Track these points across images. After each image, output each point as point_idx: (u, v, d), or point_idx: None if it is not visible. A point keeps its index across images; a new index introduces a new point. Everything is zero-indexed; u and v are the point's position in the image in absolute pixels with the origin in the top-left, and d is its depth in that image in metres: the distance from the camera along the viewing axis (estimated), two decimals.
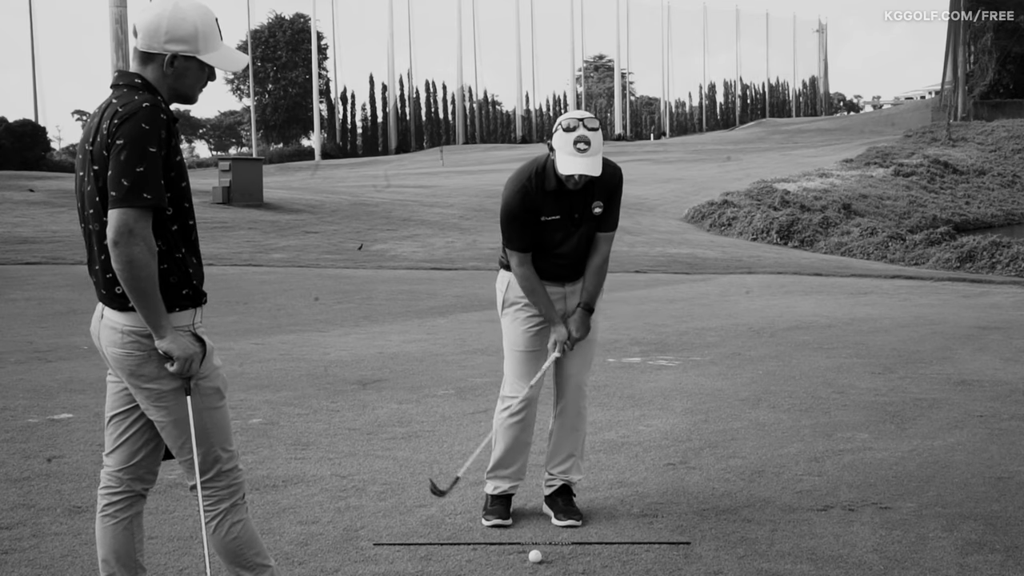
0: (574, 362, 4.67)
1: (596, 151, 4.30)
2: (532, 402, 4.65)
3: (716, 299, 13.38)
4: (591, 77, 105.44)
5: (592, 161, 4.29)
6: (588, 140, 4.28)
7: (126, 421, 3.23)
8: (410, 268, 17.20)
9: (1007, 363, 8.44)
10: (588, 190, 4.48)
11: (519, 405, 4.62)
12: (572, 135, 4.29)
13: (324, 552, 4.19)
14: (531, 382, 4.59)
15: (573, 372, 4.68)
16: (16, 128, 42.54)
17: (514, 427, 4.64)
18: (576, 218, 4.51)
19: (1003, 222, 35.15)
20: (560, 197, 4.46)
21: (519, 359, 4.64)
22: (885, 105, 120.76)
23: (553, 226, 4.49)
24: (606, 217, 4.56)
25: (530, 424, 4.69)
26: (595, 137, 4.31)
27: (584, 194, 4.48)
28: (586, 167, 4.28)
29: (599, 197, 4.51)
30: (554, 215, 4.47)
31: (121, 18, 18.47)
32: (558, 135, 4.34)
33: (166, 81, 3.09)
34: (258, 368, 8.16)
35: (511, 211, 4.46)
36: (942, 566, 4.03)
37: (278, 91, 77.51)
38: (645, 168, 44.14)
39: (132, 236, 2.91)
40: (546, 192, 4.44)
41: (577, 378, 4.69)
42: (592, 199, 4.50)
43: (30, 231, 19.62)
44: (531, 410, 4.66)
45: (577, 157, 4.28)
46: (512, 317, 4.67)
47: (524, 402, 4.62)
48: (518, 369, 4.65)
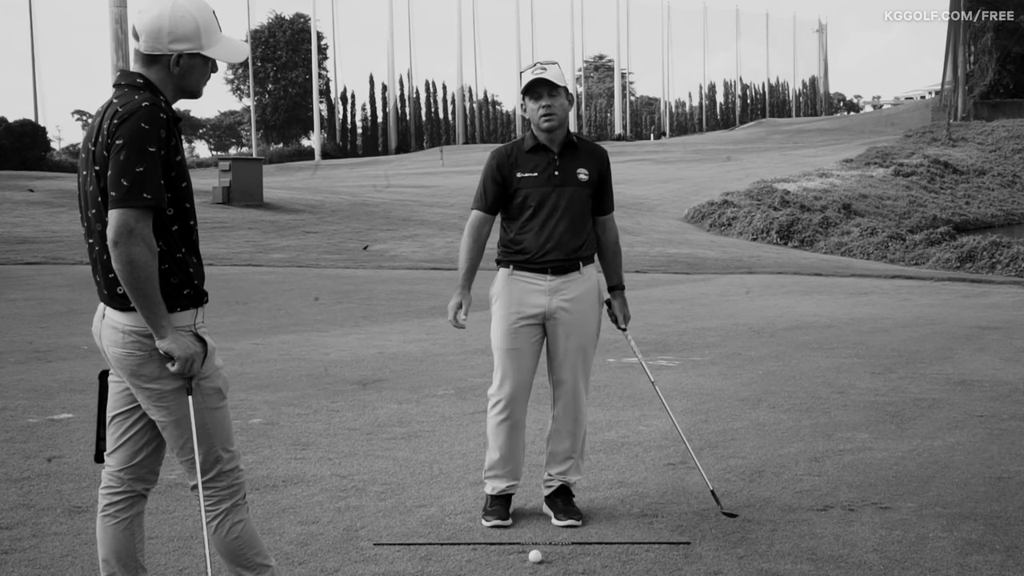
0: (567, 365, 4.64)
1: (554, 75, 4.57)
2: (517, 401, 4.63)
3: (716, 299, 13.39)
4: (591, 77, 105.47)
5: (552, 72, 4.56)
6: (544, 66, 4.59)
7: (127, 421, 3.23)
8: (410, 268, 17.20)
9: (1007, 363, 8.45)
10: (572, 154, 4.63)
11: (503, 404, 4.62)
12: (530, 69, 4.61)
13: (324, 552, 4.19)
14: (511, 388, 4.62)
15: (567, 376, 4.65)
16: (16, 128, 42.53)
17: (502, 426, 4.64)
18: (556, 176, 4.57)
19: (1003, 222, 35.14)
20: (539, 155, 4.62)
21: (500, 356, 4.66)
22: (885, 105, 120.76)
23: (530, 182, 4.57)
24: (601, 195, 4.69)
25: (519, 423, 4.67)
26: (551, 66, 4.60)
27: (566, 157, 4.62)
28: (546, 75, 4.54)
29: (584, 165, 4.64)
30: (531, 172, 4.59)
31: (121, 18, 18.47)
32: (521, 78, 4.62)
33: (172, 80, 3.09)
34: (258, 368, 8.16)
35: (485, 171, 4.69)
36: (942, 566, 4.03)
37: (278, 91, 77.50)
38: (645, 168, 44.14)
39: (132, 236, 2.91)
40: (524, 151, 4.64)
41: (572, 382, 4.65)
42: (576, 164, 4.62)
43: (30, 231, 19.63)
44: (517, 408, 4.64)
45: (538, 71, 4.56)
46: (495, 313, 4.69)
47: (507, 401, 4.61)
48: (500, 367, 4.66)
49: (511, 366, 4.61)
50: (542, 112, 4.53)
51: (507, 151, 4.67)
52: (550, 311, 4.60)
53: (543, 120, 4.54)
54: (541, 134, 4.59)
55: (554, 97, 4.53)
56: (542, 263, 4.58)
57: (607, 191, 4.72)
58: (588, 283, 4.66)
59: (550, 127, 4.55)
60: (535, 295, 4.58)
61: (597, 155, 4.70)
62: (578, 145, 4.67)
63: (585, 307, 4.64)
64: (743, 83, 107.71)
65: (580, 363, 4.66)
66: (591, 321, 4.69)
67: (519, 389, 4.62)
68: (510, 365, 4.61)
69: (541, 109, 4.53)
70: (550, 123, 4.54)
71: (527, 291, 4.59)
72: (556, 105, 4.53)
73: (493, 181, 4.61)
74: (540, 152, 4.61)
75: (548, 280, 4.59)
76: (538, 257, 4.57)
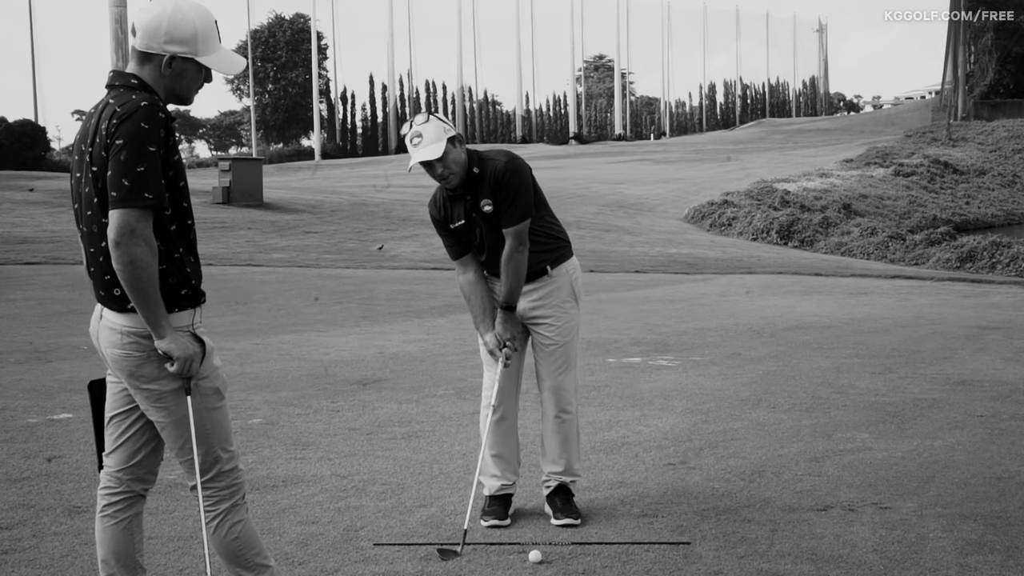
0: (543, 366, 4.69)
1: (431, 139, 4.39)
2: (504, 399, 4.66)
3: (716, 299, 13.38)
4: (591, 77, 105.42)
5: (428, 149, 4.39)
6: (419, 133, 4.42)
7: (126, 421, 3.23)
8: (410, 268, 17.20)
9: (1007, 363, 8.44)
10: (476, 189, 4.55)
11: (494, 403, 4.65)
12: (407, 136, 4.47)
13: (324, 552, 4.19)
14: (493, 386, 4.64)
15: (544, 376, 4.70)
16: (16, 128, 42.49)
17: (493, 425, 4.67)
18: (475, 217, 4.57)
19: (1003, 222, 35.15)
20: (457, 202, 4.59)
21: (487, 359, 4.73)
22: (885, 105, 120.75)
23: (462, 231, 4.60)
24: (501, 214, 4.54)
25: (509, 420, 4.70)
26: (426, 129, 4.41)
27: (474, 195, 4.56)
28: (422, 156, 4.40)
29: (484, 195, 4.55)
30: (459, 220, 4.59)
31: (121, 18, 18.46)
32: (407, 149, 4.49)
33: (163, 81, 3.09)
34: (258, 368, 8.16)
35: (434, 224, 4.72)
36: (942, 566, 4.03)
37: (278, 91, 77.49)
38: (645, 168, 44.14)
39: (134, 236, 2.91)
40: (446, 200, 4.62)
41: (549, 381, 4.68)
42: (480, 198, 4.55)
43: (30, 231, 19.62)
44: (508, 408, 4.68)
45: (414, 151, 4.43)
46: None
47: (496, 400, 4.64)
48: (487, 366, 4.75)
49: (496, 364, 4.65)
50: (436, 177, 4.48)
51: (437, 205, 4.66)
52: (524, 313, 4.67)
53: (441, 182, 4.51)
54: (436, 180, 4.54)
55: (440, 161, 4.41)
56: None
57: (506, 209, 4.52)
58: (559, 281, 4.70)
59: (451, 187, 4.52)
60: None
61: (492, 177, 4.53)
62: (478, 174, 4.52)
63: (558, 304, 4.69)
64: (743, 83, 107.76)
65: (562, 360, 4.68)
66: (567, 317, 4.71)
67: (506, 387, 4.66)
68: (495, 364, 4.66)
69: (435, 174, 4.46)
70: (449, 184, 4.50)
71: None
72: (448, 163, 4.42)
73: (442, 232, 4.68)
74: (457, 199, 4.59)
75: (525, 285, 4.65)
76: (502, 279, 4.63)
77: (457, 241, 4.64)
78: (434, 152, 4.37)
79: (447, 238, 4.67)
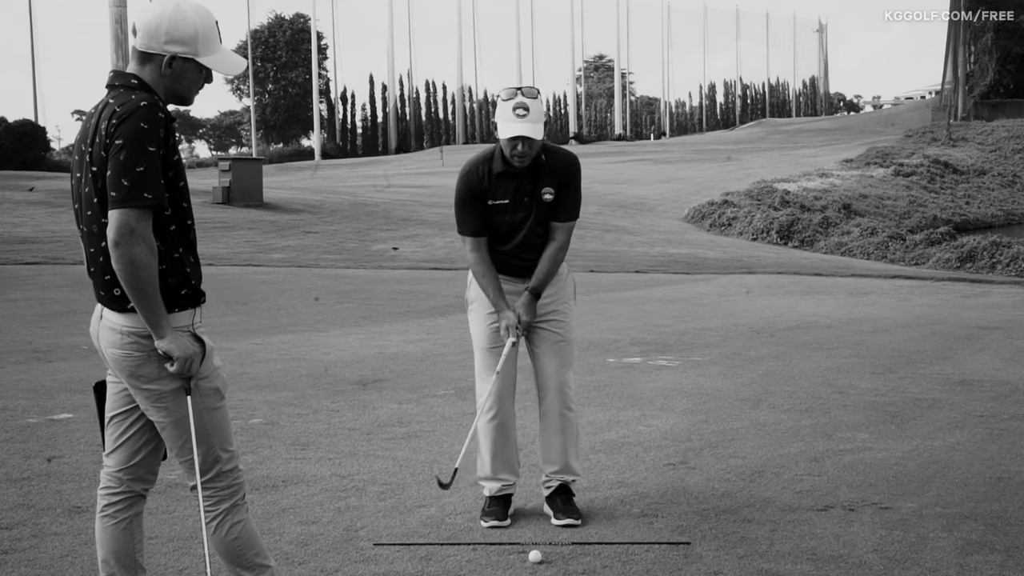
0: (550, 362, 4.65)
1: (535, 119, 4.36)
2: (503, 398, 4.64)
3: (716, 299, 13.38)
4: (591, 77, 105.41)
5: (532, 127, 4.34)
6: (526, 106, 4.35)
7: (126, 422, 3.23)
8: (410, 268, 17.20)
9: (1007, 363, 8.44)
10: (537, 175, 4.51)
11: (489, 402, 4.63)
12: (511, 103, 4.37)
13: (324, 552, 4.19)
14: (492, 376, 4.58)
15: (551, 372, 4.66)
16: (16, 128, 42.50)
17: (490, 425, 4.66)
18: (526, 202, 4.53)
19: (1003, 222, 35.16)
20: (508, 180, 4.51)
21: (482, 356, 4.68)
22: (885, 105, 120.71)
23: (501, 210, 4.52)
24: (560, 205, 4.56)
25: (507, 421, 4.68)
26: (534, 105, 4.37)
27: (533, 179, 4.52)
28: (525, 131, 4.33)
29: (548, 183, 4.53)
30: (503, 199, 4.51)
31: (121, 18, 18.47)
32: (499, 106, 4.43)
33: (163, 82, 3.08)
34: (258, 368, 8.16)
35: (460, 195, 4.55)
36: (942, 566, 4.03)
37: (278, 91, 77.51)
38: (645, 168, 44.14)
39: (133, 236, 2.91)
40: (494, 175, 4.51)
41: (556, 378, 4.66)
42: (541, 185, 4.52)
43: (30, 231, 19.62)
44: (504, 407, 4.66)
45: (516, 122, 4.34)
46: (474, 315, 4.72)
47: (493, 398, 4.62)
48: (481, 366, 4.68)
49: (493, 364, 4.63)
50: (516, 157, 4.41)
51: (478, 175, 4.52)
52: (537, 310, 4.64)
53: (516, 159, 4.43)
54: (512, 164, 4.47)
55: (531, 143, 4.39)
56: (521, 273, 4.63)
57: (567, 201, 4.56)
58: (561, 280, 4.71)
59: (522, 166, 4.46)
60: (511, 297, 4.62)
61: (561, 168, 4.54)
62: (545, 162, 4.52)
63: (565, 301, 4.70)
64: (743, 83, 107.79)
65: (562, 358, 4.68)
66: (568, 317, 4.72)
67: (502, 387, 4.64)
68: (492, 363, 4.63)
69: (516, 153, 4.40)
70: (522, 163, 4.45)
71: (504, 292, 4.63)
72: (534, 146, 4.40)
73: (472, 209, 4.53)
74: (509, 177, 4.51)
75: (524, 283, 4.64)
76: (510, 268, 4.62)
77: (482, 217, 4.52)
78: (537, 132, 4.36)
79: (474, 211, 4.52)
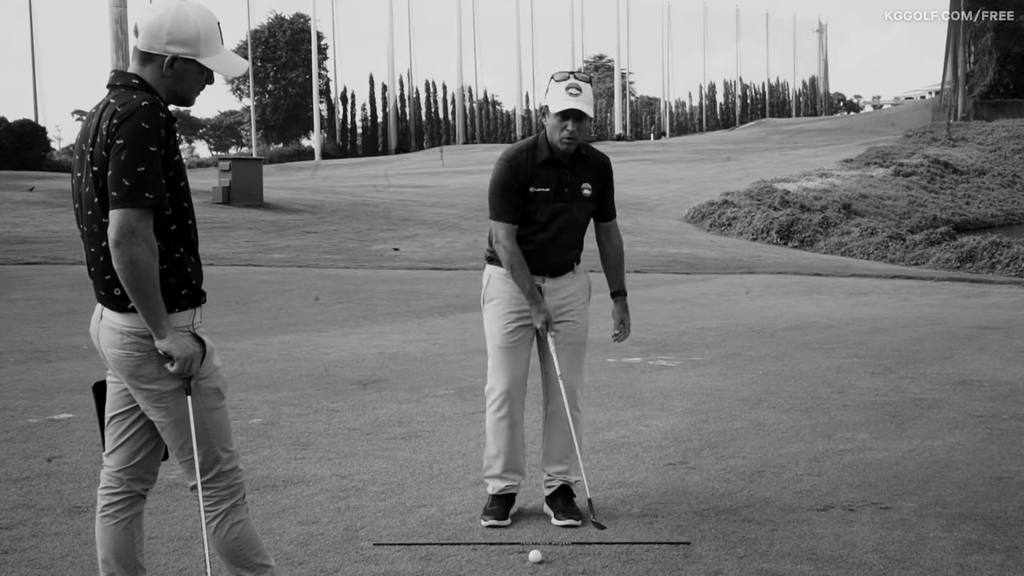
0: (562, 363, 4.63)
1: (587, 100, 4.46)
2: (514, 398, 4.64)
3: (716, 299, 13.38)
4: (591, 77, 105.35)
5: (585, 104, 4.44)
6: (579, 87, 4.46)
7: (126, 422, 3.23)
8: (410, 268, 17.20)
9: (1007, 363, 8.44)
10: (578, 168, 4.59)
11: (500, 400, 4.63)
12: (564, 83, 4.47)
13: (324, 552, 4.19)
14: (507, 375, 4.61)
15: (561, 374, 4.64)
16: (16, 128, 42.48)
17: (500, 424, 4.66)
18: (566, 192, 4.56)
19: (1003, 222, 35.14)
20: (551, 169, 4.55)
21: (497, 355, 4.67)
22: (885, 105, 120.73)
23: (542, 198, 4.54)
24: (605, 203, 4.69)
25: (517, 421, 4.68)
26: (586, 88, 4.48)
27: (574, 171, 4.58)
28: (579, 105, 4.41)
29: (587, 179, 4.61)
30: (544, 187, 4.54)
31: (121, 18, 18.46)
32: (551, 88, 4.50)
33: (164, 82, 3.09)
34: (258, 368, 8.16)
35: (503, 180, 4.53)
36: (942, 566, 4.03)
37: (278, 91, 77.51)
38: (645, 168, 44.13)
39: (134, 236, 2.91)
40: (537, 163, 4.55)
41: (567, 380, 4.64)
42: (581, 179, 4.60)
43: (30, 231, 19.62)
44: (515, 406, 4.66)
45: (570, 100, 4.42)
46: (492, 312, 4.69)
47: (504, 397, 4.62)
48: (496, 364, 4.67)
49: (508, 363, 4.63)
50: (566, 135, 4.45)
51: (523, 160, 4.54)
52: (554, 309, 4.63)
53: (563, 142, 4.47)
54: (557, 147, 4.51)
55: (581, 121, 4.45)
56: (540, 268, 4.61)
57: (608, 200, 4.72)
58: (580, 281, 4.74)
59: (568, 150, 4.51)
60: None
61: (599, 166, 4.67)
62: (585, 156, 4.63)
63: (577, 305, 4.71)
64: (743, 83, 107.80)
65: (574, 360, 4.69)
66: (584, 318, 4.74)
67: (516, 386, 4.64)
68: (507, 362, 4.63)
69: (565, 131, 4.45)
70: (569, 147, 4.49)
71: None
72: (582, 129, 4.47)
73: (513, 191, 4.52)
74: (552, 166, 4.55)
75: (546, 283, 4.63)
76: (536, 261, 4.59)
77: (521, 206, 4.53)
78: (589, 110, 4.46)
79: (514, 200, 4.51)
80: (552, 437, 4.72)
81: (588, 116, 4.46)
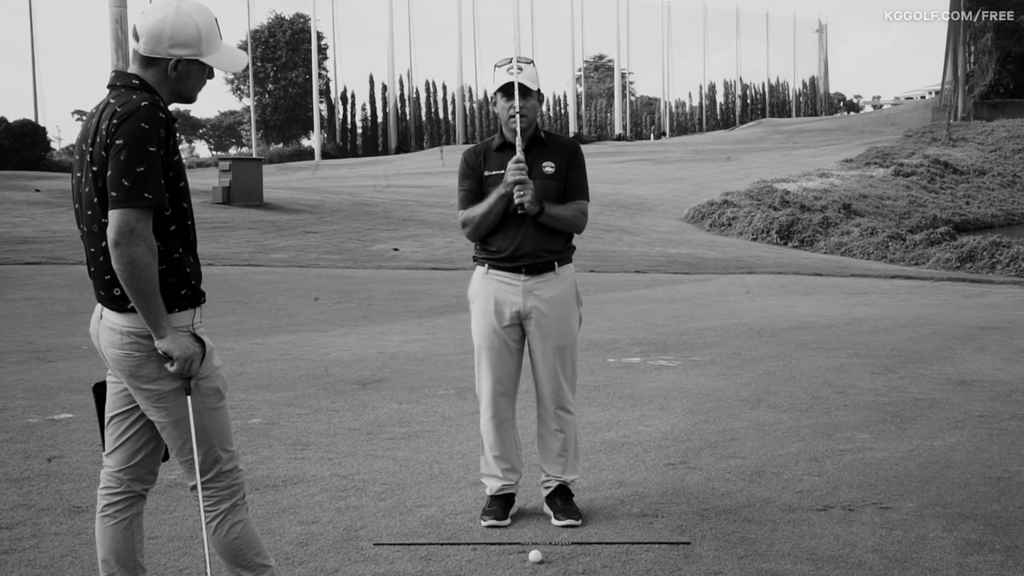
0: (546, 366, 4.64)
1: (529, 77, 4.55)
2: (501, 397, 4.65)
3: (716, 299, 13.39)
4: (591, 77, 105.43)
5: (527, 79, 4.52)
6: (520, 68, 4.56)
7: (126, 422, 3.23)
8: (410, 268, 17.20)
9: (1007, 363, 8.44)
10: (538, 149, 4.62)
11: (487, 400, 4.65)
12: (505, 67, 4.59)
13: (324, 552, 4.19)
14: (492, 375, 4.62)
15: (546, 377, 4.66)
16: (16, 128, 42.46)
17: (489, 423, 4.67)
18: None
19: (1003, 222, 35.16)
20: (507, 153, 4.61)
21: (481, 356, 4.69)
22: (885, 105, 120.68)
23: (498, 180, 4.57)
24: (569, 183, 4.63)
25: (505, 419, 4.68)
26: (527, 68, 4.57)
27: (533, 152, 4.61)
28: (519, 78, 4.50)
29: (549, 158, 4.62)
30: (498, 170, 4.59)
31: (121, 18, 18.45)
32: (494, 75, 4.60)
33: (168, 84, 3.09)
34: (258, 368, 8.16)
35: (460, 172, 4.71)
36: (942, 566, 4.03)
37: (278, 91, 77.52)
38: (645, 168, 44.13)
39: (133, 236, 2.91)
40: (492, 149, 4.66)
41: (552, 383, 4.65)
42: (542, 159, 4.61)
43: (30, 231, 19.62)
44: (503, 405, 4.66)
45: (510, 76, 4.53)
46: (474, 313, 4.72)
47: (490, 397, 4.64)
48: (481, 365, 4.69)
49: (489, 364, 4.64)
50: (512, 113, 4.53)
51: (476, 150, 4.71)
52: (525, 311, 4.61)
53: (511, 121, 4.54)
54: (509, 132, 4.60)
55: (526, 99, 4.52)
56: (515, 263, 4.59)
57: (574, 178, 4.65)
58: (564, 283, 4.66)
59: (521, 126, 4.53)
60: (510, 294, 4.60)
61: (564, 148, 4.68)
62: (546, 140, 4.66)
63: (561, 307, 4.65)
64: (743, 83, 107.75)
65: (559, 363, 4.66)
66: (569, 321, 4.68)
67: (500, 386, 4.64)
68: (489, 363, 4.64)
69: (511, 109, 4.53)
70: (522, 124, 4.52)
71: (502, 290, 4.61)
72: (527, 107, 4.53)
73: (470, 179, 4.65)
74: (508, 150, 4.62)
75: (523, 280, 4.60)
76: (511, 256, 4.59)
77: (479, 192, 4.61)
78: (531, 83, 4.53)
79: (472, 188, 4.62)
80: (545, 439, 4.74)
81: (532, 91, 4.53)
